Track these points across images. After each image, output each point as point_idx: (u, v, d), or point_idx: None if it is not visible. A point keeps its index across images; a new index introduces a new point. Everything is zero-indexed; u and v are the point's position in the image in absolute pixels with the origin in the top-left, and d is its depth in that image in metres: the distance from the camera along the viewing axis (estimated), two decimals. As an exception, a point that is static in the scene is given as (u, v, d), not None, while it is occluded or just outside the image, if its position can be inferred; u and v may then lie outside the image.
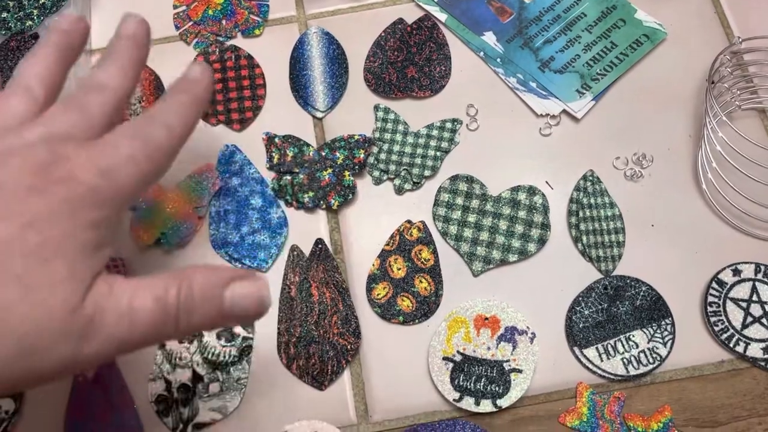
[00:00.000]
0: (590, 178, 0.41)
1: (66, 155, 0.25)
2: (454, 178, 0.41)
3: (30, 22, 0.45)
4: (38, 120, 0.27)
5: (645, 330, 0.37)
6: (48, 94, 0.29)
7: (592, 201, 0.40)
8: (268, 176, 0.42)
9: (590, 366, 0.37)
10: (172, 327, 0.25)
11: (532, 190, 0.41)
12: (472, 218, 0.40)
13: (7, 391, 0.24)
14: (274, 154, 0.42)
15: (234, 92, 0.44)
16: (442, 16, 0.46)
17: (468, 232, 0.40)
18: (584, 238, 0.39)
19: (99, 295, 0.24)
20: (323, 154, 0.42)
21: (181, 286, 0.25)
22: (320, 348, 0.38)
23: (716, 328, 0.37)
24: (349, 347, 0.38)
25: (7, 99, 0.28)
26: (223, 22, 0.47)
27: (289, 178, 0.42)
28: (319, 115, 0.44)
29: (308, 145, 0.42)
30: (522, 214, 0.40)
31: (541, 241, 0.39)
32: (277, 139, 0.43)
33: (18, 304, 0.22)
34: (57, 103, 0.29)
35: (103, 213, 0.25)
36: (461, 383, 0.36)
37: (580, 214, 0.40)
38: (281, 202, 0.41)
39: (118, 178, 0.26)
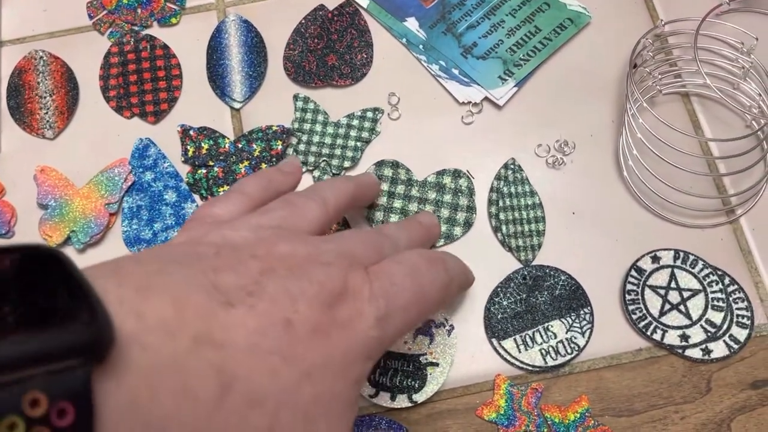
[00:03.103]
0: (511, 166, 0.40)
1: (356, 289, 0.24)
2: (380, 164, 0.40)
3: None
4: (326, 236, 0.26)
5: (564, 320, 0.37)
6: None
7: (513, 190, 0.40)
8: (184, 170, 0.41)
9: (508, 358, 0.37)
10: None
11: (457, 173, 0.40)
12: (398, 204, 0.39)
13: None
14: (189, 147, 0.41)
15: (149, 84, 0.43)
16: (364, 2, 0.44)
17: (394, 219, 0.39)
18: (504, 227, 0.39)
19: None
20: (240, 146, 0.41)
21: None
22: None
23: (634, 316, 0.37)
24: (264, 345, 0.37)
25: (304, 205, 0.28)
26: (139, 10, 0.45)
27: (204, 171, 0.40)
28: (236, 105, 0.42)
29: (224, 137, 0.41)
30: (448, 198, 0.39)
31: (467, 225, 0.39)
32: (192, 132, 0.41)
33: None
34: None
35: (369, 367, 0.24)
36: (377, 379, 0.36)
37: (500, 203, 0.39)
38: (196, 197, 0.40)
39: (389, 330, 0.24)
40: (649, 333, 0.37)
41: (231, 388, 0.19)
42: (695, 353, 0.36)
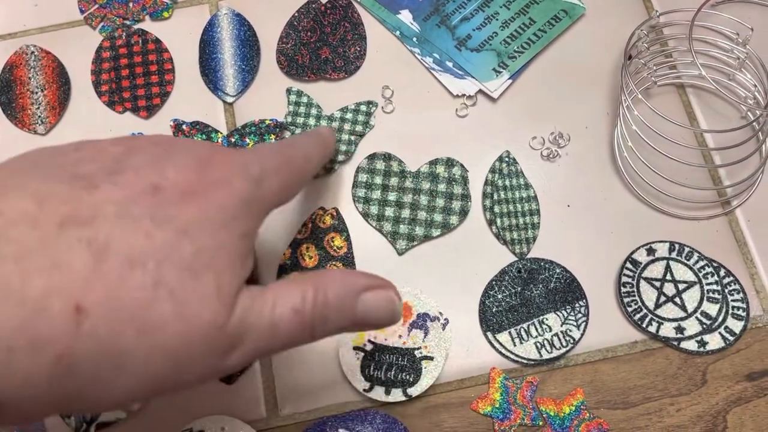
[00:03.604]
0: (506, 159, 0.40)
1: (224, 155, 0.25)
2: (372, 157, 0.40)
3: None
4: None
5: (558, 313, 0.37)
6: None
7: (507, 183, 0.39)
8: (177, 165, 0.41)
9: (503, 351, 0.36)
10: (308, 335, 0.25)
11: (450, 162, 0.40)
12: (392, 196, 0.39)
13: (142, 400, 0.22)
14: (181, 141, 0.41)
15: (141, 78, 0.43)
16: (357, -5, 0.44)
17: (389, 211, 0.39)
18: (499, 220, 0.38)
19: (243, 310, 0.23)
20: (232, 140, 0.40)
21: (316, 295, 0.25)
22: (229, 341, 0.37)
23: (629, 309, 0.37)
24: (258, 340, 0.37)
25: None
26: (130, 4, 0.45)
27: (197, 166, 0.40)
28: (229, 99, 0.42)
29: (217, 131, 0.41)
30: (442, 187, 0.39)
31: (463, 213, 0.39)
32: (185, 126, 0.41)
33: (170, 321, 0.21)
34: None
35: (252, 223, 0.25)
36: (371, 373, 0.36)
37: (495, 196, 0.39)
38: (189, 192, 0.40)
39: (266, 189, 0.25)
40: (644, 325, 0.36)
41: (106, 254, 0.20)
42: (691, 345, 0.36)
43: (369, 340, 0.36)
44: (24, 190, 0.21)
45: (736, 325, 0.36)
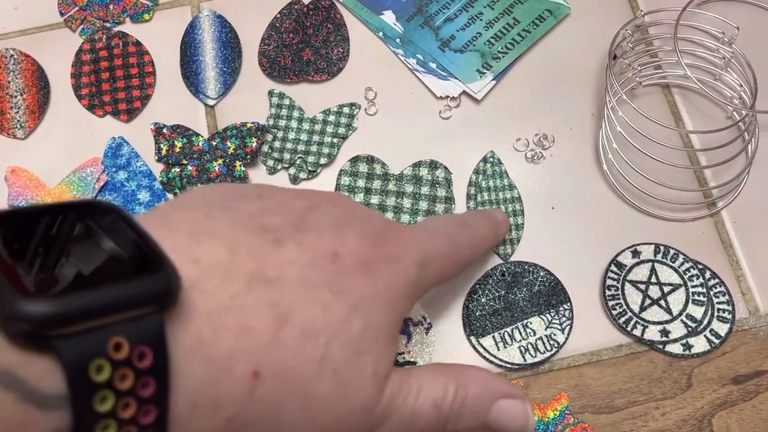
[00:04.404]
0: (490, 159, 0.40)
1: (399, 231, 0.25)
2: (354, 160, 0.40)
3: None
4: None
5: (543, 317, 0.37)
6: None
7: (491, 183, 0.39)
8: (157, 168, 0.40)
9: (487, 356, 0.36)
10: (440, 429, 0.25)
11: (434, 165, 0.39)
12: (375, 200, 0.39)
13: None
14: (162, 145, 0.40)
15: (122, 81, 0.42)
16: (340, -5, 0.44)
17: (372, 217, 0.39)
18: (482, 223, 0.38)
19: (391, 394, 0.23)
20: (213, 143, 0.40)
21: (457, 392, 0.25)
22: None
23: (614, 312, 0.36)
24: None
25: None
26: (111, 6, 0.44)
27: (177, 170, 0.40)
28: (210, 102, 0.42)
29: (198, 134, 0.40)
30: (425, 190, 0.39)
31: None
32: (165, 130, 0.41)
33: (329, 398, 0.21)
34: None
35: (410, 305, 0.25)
36: (354, 379, 0.35)
37: (479, 197, 0.39)
38: (170, 196, 0.40)
39: (429, 273, 0.26)
40: (629, 329, 0.36)
41: (286, 321, 0.20)
42: (676, 348, 0.36)
43: (351, 346, 0.36)
44: (217, 237, 0.21)
45: (722, 328, 0.36)
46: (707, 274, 0.37)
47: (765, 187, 0.39)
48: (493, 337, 0.36)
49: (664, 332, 0.36)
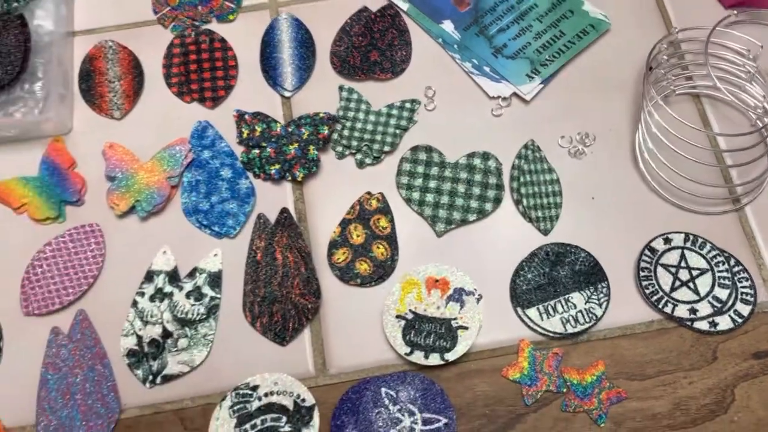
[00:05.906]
0: (531, 146, 0.44)
1: None
2: (415, 149, 0.44)
3: (16, 4, 0.48)
4: None
5: (583, 292, 0.41)
6: None
7: (532, 167, 0.44)
8: (238, 150, 0.45)
9: (531, 325, 0.40)
10: None
11: (486, 156, 0.44)
12: (432, 184, 0.43)
13: None
14: (243, 129, 0.45)
15: (207, 72, 0.47)
16: (404, 5, 0.49)
17: (430, 197, 0.43)
18: (524, 200, 0.42)
19: None
20: (290, 129, 0.45)
21: None
22: (283, 307, 0.41)
23: (647, 291, 0.40)
24: (309, 307, 0.41)
25: None
26: (199, 7, 0.50)
27: (257, 151, 0.44)
28: (287, 94, 0.47)
29: (276, 121, 0.45)
30: (478, 177, 0.43)
31: (497, 201, 0.43)
32: (246, 116, 0.46)
33: None
34: None
35: None
36: (412, 339, 0.39)
37: (521, 179, 0.43)
38: (250, 174, 0.44)
39: None
40: (660, 306, 0.40)
41: None
42: (703, 325, 0.40)
43: (410, 310, 0.40)
44: None
45: (745, 309, 0.40)
46: (732, 262, 0.41)
47: (785, 187, 0.44)
48: (538, 308, 0.40)
49: (693, 310, 0.40)
